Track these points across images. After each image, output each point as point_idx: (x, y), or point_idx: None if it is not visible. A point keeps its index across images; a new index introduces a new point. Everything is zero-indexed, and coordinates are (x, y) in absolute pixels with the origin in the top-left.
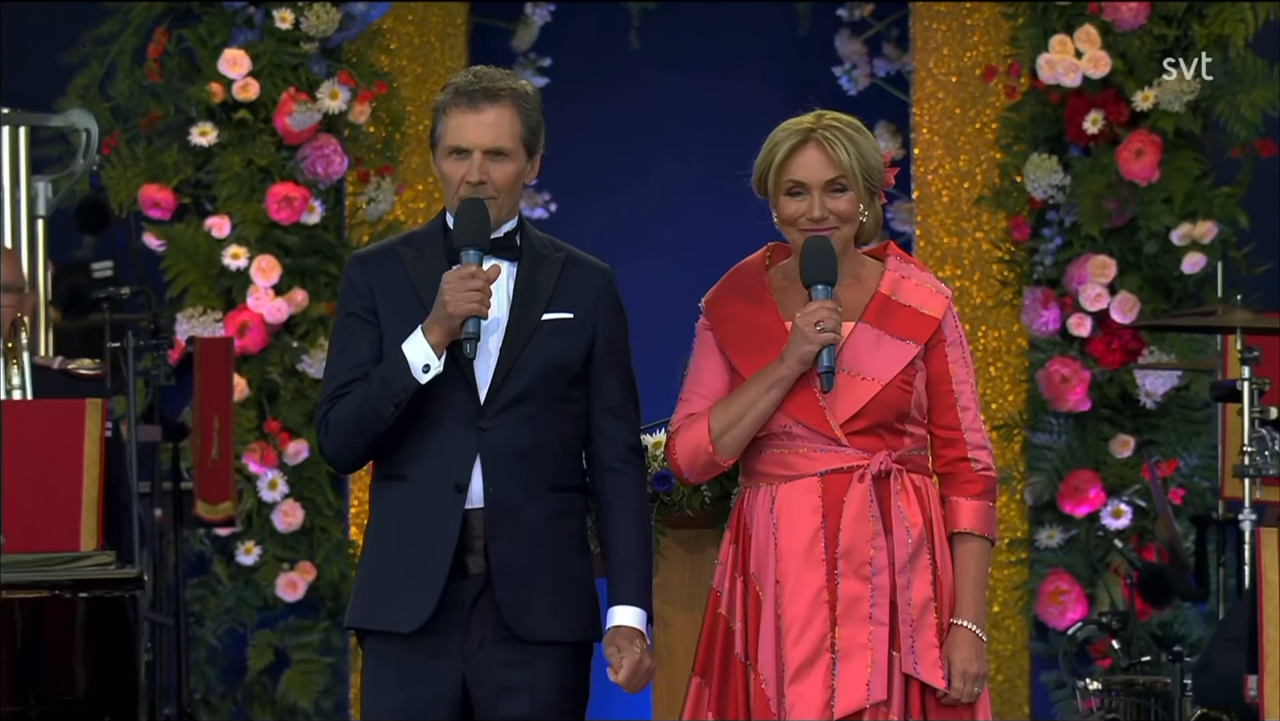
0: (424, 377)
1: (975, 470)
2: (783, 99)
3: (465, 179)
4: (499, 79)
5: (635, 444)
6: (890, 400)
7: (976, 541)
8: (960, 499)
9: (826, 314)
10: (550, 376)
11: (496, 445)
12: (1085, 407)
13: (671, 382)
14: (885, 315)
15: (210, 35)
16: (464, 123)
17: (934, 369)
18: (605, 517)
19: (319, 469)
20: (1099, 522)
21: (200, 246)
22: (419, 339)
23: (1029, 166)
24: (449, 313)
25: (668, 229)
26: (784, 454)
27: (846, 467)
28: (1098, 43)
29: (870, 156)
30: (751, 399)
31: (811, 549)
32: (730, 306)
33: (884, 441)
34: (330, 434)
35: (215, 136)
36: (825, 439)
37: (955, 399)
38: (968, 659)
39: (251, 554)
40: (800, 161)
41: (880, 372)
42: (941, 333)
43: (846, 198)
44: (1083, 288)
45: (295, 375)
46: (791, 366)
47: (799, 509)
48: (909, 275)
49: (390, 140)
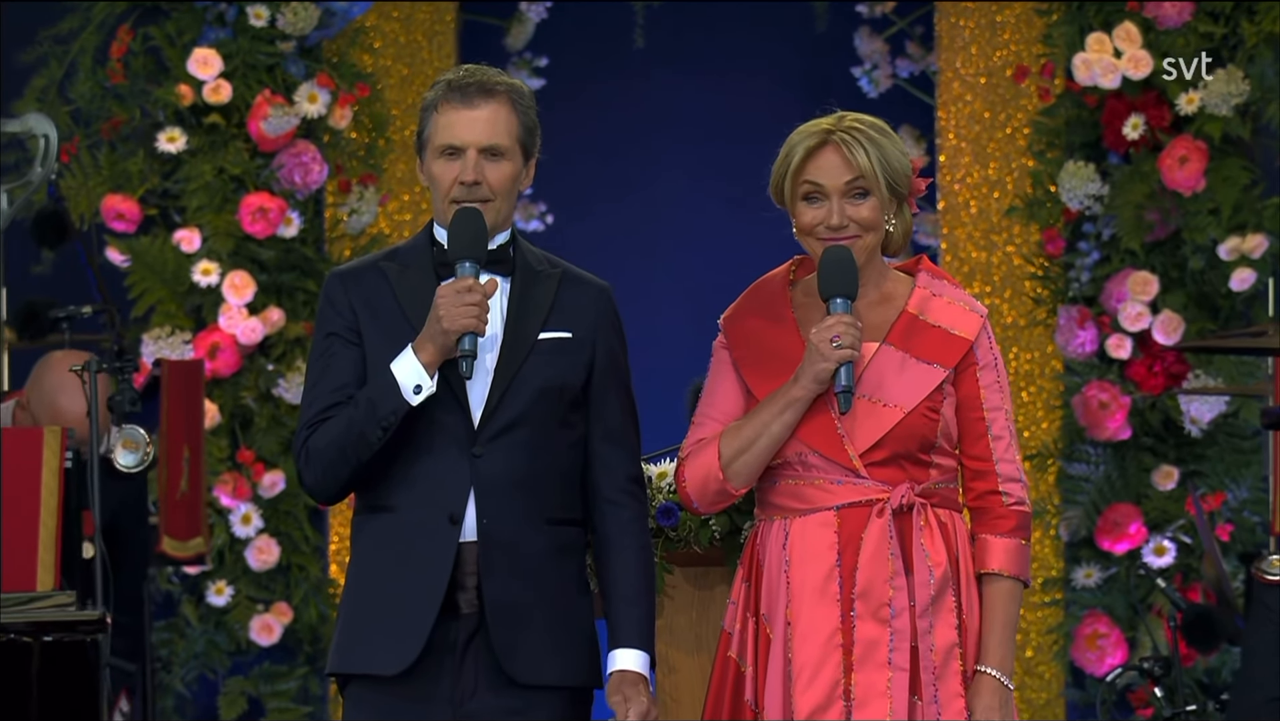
0: (415, 399)
1: (1007, 505)
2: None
3: (458, 180)
4: (493, 74)
5: (637, 473)
6: (914, 429)
7: (1007, 583)
8: (990, 536)
9: (844, 328)
10: (548, 399)
11: (490, 473)
12: (1125, 436)
13: (675, 408)
14: (911, 336)
15: (179, 33)
16: (456, 119)
17: (964, 394)
18: (604, 554)
19: (296, 502)
20: (1140, 560)
21: (168, 261)
22: (410, 358)
23: (1064, 175)
24: (445, 328)
25: (673, 243)
26: (799, 485)
27: (865, 501)
28: (1138, 41)
29: (895, 160)
30: (764, 422)
31: (825, 588)
32: (749, 324)
33: (907, 473)
34: (311, 462)
35: (184, 143)
36: (843, 469)
37: (987, 426)
38: (990, 708)
39: (223, 594)
40: (817, 164)
41: (903, 399)
42: (973, 355)
43: (868, 204)
44: (1122, 306)
45: (270, 401)
46: (807, 386)
47: (813, 545)
48: (941, 293)
49: (373, 147)
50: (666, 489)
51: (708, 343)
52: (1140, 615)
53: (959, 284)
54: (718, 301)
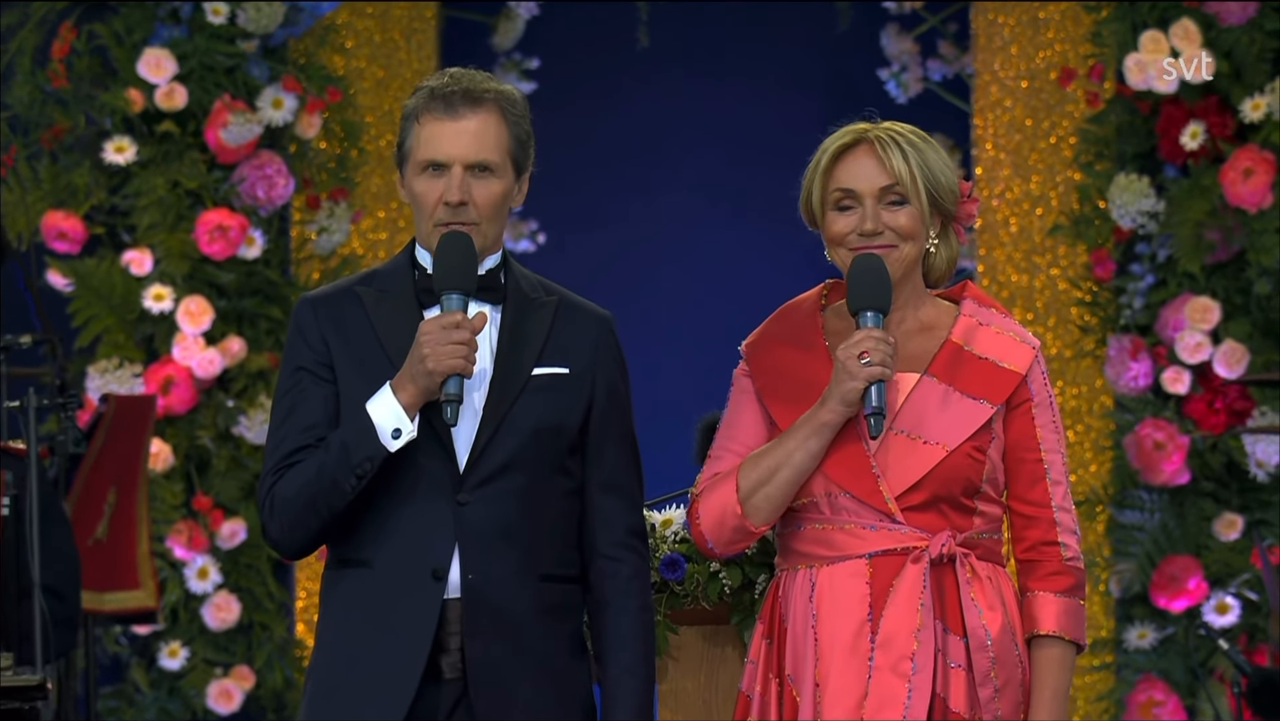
0: (394, 445)
1: (1065, 560)
2: (818, 109)
3: (443, 199)
4: (481, 80)
5: (637, 525)
6: (957, 470)
7: (1062, 647)
8: (1046, 593)
9: (873, 344)
10: (541, 442)
11: (477, 524)
12: (1183, 480)
13: (680, 449)
14: (956, 368)
15: (128, 31)
16: (440, 132)
17: (1016, 434)
18: (600, 615)
19: (259, 554)
20: (1200, 619)
21: (115, 286)
22: (388, 398)
23: (1114, 189)
24: (428, 369)
25: (679, 267)
26: (827, 530)
27: (900, 549)
28: (1198, 40)
29: (938, 169)
30: (788, 450)
31: (856, 645)
32: (774, 351)
33: (948, 520)
34: (276, 512)
35: (134, 153)
36: (876, 513)
37: (1045, 470)
38: None
39: (177, 656)
40: (849, 167)
41: (946, 436)
42: (1026, 389)
43: (906, 211)
44: (1180, 335)
45: (230, 441)
46: (834, 408)
47: (843, 597)
48: (988, 322)
49: (345, 158)
50: (671, 538)
51: (716, 377)
52: (1200, 680)
53: (1008, 312)
54: (728, 332)
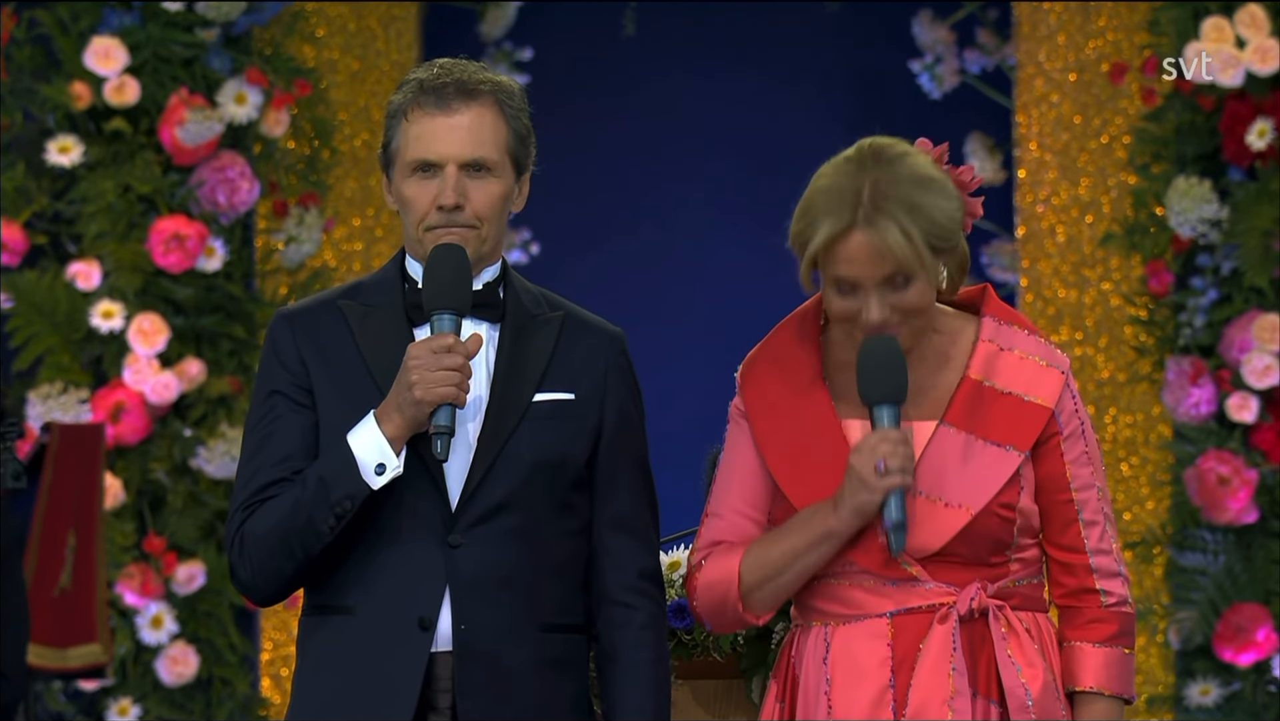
0: (377, 482)
1: (1106, 605)
2: (843, 105)
3: (436, 203)
4: (475, 71)
5: (651, 568)
6: (985, 531)
7: (1106, 703)
8: (1085, 644)
9: (890, 448)
10: (542, 477)
11: (470, 568)
12: (1251, 519)
13: (690, 484)
14: (977, 411)
15: (73, 19)
16: (432, 128)
17: (1046, 472)
18: (609, 669)
19: (219, 601)
20: (1269, 674)
21: (59, 302)
22: (371, 430)
23: (1172, 194)
24: (416, 398)
25: (689, 280)
26: (843, 586)
27: (926, 606)
28: (1266, 29)
29: (941, 217)
30: (795, 552)
31: (876, 713)
32: (770, 387)
33: (977, 572)
34: (246, 552)
35: (80, 154)
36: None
37: (1077, 511)
38: None
39: (127, 715)
40: (845, 255)
41: (970, 496)
42: (1056, 423)
43: (915, 289)
44: (1246, 357)
45: (188, 475)
46: (846, 520)
47: (861, 660)
48: (1011, 345)
49: (316, 159)
50: (679, 582)
51: (729, 404)
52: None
53: (1031, 324)
54: (735, 355)
